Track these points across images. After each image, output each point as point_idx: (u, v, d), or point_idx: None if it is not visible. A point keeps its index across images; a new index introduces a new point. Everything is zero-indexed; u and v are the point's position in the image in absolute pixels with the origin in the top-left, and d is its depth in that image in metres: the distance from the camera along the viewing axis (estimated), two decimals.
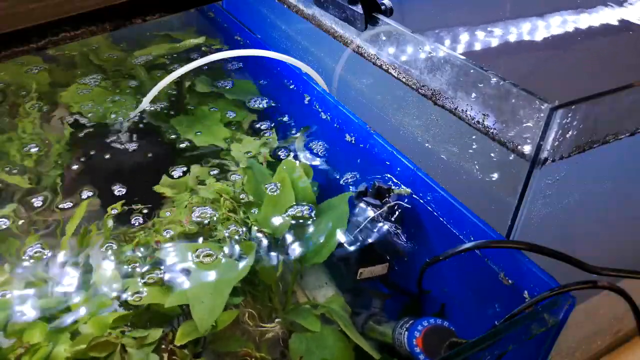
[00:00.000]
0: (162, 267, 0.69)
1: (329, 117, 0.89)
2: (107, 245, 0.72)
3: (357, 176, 0.83)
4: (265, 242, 0.73)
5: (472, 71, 0.65)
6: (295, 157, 0.88)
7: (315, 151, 0.90)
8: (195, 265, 0.69)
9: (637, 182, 0.80)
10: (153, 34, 1.22)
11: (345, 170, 0.86)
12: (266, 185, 0.80)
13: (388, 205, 0.74)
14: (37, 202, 0.79)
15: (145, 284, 0.67)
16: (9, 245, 0.72)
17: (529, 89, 0.59)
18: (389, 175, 0.77)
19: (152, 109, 0.98)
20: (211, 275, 0.68)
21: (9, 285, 0.67)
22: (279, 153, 0.90)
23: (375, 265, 0.73)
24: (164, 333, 0.63)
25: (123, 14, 0.52)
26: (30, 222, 0.76)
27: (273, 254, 0.72)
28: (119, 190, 0.81)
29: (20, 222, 0.76)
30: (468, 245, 0.59)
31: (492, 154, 0.69)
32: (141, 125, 0.95)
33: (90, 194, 0.81)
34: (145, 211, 0.77)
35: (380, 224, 0.73)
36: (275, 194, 0.78)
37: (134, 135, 0.92)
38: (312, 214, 0.76)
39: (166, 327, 0.65)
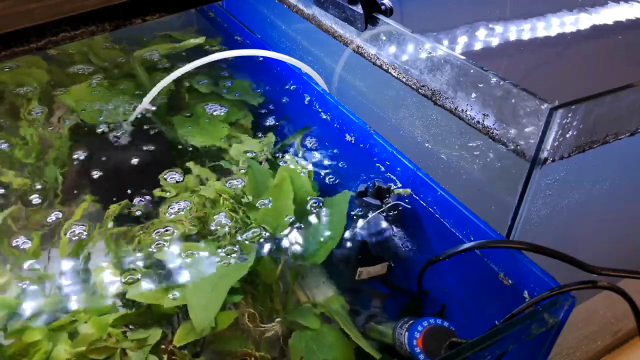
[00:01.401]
0: (162, 267, 0.69)
1: (329, 117, 0.89)
2: (107, 245, 0.72)
3: (357, 176, 0.83)
4: (265, 242, 0.73)
5: (472, 71, 0.65)
6: (295, 157, 0.88)
7: (315, 151, 0.90)
8: (195, 265, 0.69)
9: (637, 182, 0.80)
10: (153, 34, 1.22)
11: (345, 171, 0.86)
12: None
13: (388, 205, 0.74)
14: (37, 202, 0.79)
15: (145, 283, 0.67)
16: (9, 245, 0.72)
17: (529, 89, 0.59)
18: (389, 175, 0.77)
19: (152, 109, 0.98)
20: (210, 275, 0.68)
21: (9, 285, 0.67)
22: (279, 153, 0.90)
23: (375, 265, 0.73)
24: (164, 334, 0.63)
25: (123, 14, 0.52)
26: (31, 222, 0.76)
27: (273, 253, 0.72)
28: (119, 190, 0.81)
29: (21, 222, 0.76)
30: (468, 245, 0.59)
31: (492, 154, 0.69)
32: (141, 125, 0.95)
33: (91, 193, 0.81)
34: (145, 211, 0.77)
35: (380, 224, 0.73)
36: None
37: (134, 136, 0.92)
38: (313, 217, 0.76)
39: (166, 327, 0.65)
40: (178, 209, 0.77)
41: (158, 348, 0.62)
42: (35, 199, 0.80)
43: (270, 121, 0.99)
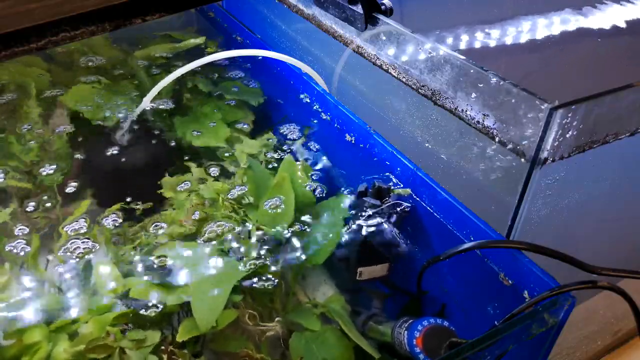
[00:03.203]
0: (162, 267, 0.69)
1: (329, 117, 0.89)
2: (107, 245, 0.72)
3: (357, 176, 0.83)
4: (265, 242, 0.73)
5: (472, 71, 0.65)
6: (295, 157, 0.88)
7: (315, 151, 0.90)
8: (195, 265, 0.69)
9: (637, 182, 0.80)
10: (153, 34, 1.22)
11: (345, 170, 0.86)
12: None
13: (388, 205, 0.74)
14: (37, 202, 0.79)
15: (144, 283, 0.67)
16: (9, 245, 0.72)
17: (529, 89, 0.59)
18: (389, 175, 0.77)
19: (152, 109, 0.98)
20: (211, 276, 0.68)
21: (9, 286, 0.67)
22: (279, 153, 0.90)
23: (375, 265, 0.73)
24: (164, 335, 0.63)
25: (123, 14, 0.52)
26: (30, 222, 0.76)
27: (273, 254, 0.72)
28: (119, 190, 0.81)
29: (20, 222, 0.76)
30: (468, 245, 0.59)
31: (492, 154, 0.69)
32: (141, 125, 0.95)
33: (91, 193, 0.81)
34: (145, 211, 0.77)
35: (380, 224, 0.73)
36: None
37: (134, 135, 0.92)
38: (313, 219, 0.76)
39: (166, 327, 0.65)
40: (178, 209, 0.77)
41: (158, 348, 0.62)
42: (35, 198, 0.80)
43: (270, 121, 0.99)
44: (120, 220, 0.76)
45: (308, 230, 0.75)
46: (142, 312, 0.64)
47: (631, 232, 0.89)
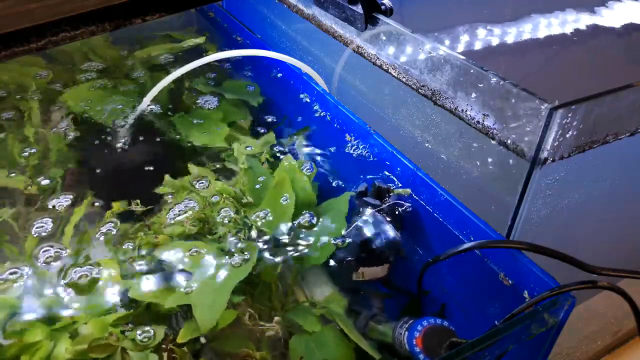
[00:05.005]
0: (163, 267, 0.69)
1: (329, 117, 0.89)
2: (107, 245, 0.72)
3: (357, 176, 0.83)
4: (265, 242, 0.73)
5: (472, 71, 0.65)
6: (295, 157, 0.88)
7: (315, 151, 0.90)
8: (195, 266, 0.69)
9: (637, 182, 0.80)
10: (153, 34, 1.22)
11: (345, 170, 0.86)
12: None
13: (388, 205, 0.74)
14: (37, 202, 0.79)
15: (145, 283, 0.67)
16: (9, 245, 0.72)
17: (529, 89, 0.59)
18: (389, 175, 0.77)
19: (152, 109, 0.98)
20: (212, 276, 0.68)
21: (9, 285, 0.67)
22: (279, 153, 0.90)
23: (375, 265, 0.73)
24: (165, 335, 0.63)
25: (123, 14, 0.52)
26: (31, 223, 0.76)
27: (273, 254, 0.72)
28: (119, 190, 0.81)
29: (21, 222, 0.76)
30: (468, 245, 0.59)
31: (492, 154, 0.69)
32: (141, 125, 0.95)
33: (91, 194, 0.81)
34: (145, 211, 0.77)
35: (380, 224, 0.73)
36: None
37: (134, 136, 0.92)
38: (313, 218, 0.76)
39: (167, 328, 0.65)
40: (179, 210, 0.77)
41: (158, 347, 0.62)
42: (35, 199, 0.80)
43: (270, 121, 0.99)
44: (121, 221, 0.76)
45: (308, 230, 0.75)
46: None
47: (631, 232, 0.89)
